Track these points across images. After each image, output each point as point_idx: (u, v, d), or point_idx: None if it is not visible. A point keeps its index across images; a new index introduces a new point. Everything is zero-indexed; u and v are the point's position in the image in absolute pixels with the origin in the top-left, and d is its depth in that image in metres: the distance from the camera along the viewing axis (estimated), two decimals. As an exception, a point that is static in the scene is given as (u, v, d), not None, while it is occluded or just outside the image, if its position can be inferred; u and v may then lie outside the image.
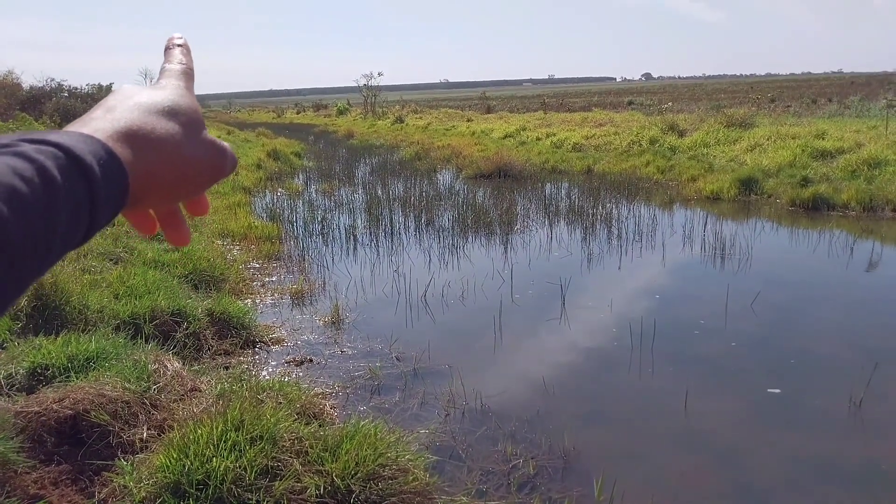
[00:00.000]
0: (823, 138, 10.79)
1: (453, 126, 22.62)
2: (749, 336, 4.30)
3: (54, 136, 0.34)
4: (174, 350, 3.58)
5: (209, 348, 3.93)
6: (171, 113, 0.40)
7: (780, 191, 8.89)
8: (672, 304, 5.09)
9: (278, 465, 2.33)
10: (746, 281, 5.42)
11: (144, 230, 0.43)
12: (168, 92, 0.42)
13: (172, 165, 0.39)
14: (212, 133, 0.43)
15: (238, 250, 6.56)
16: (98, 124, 0.37)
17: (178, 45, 0.46)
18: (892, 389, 3.51)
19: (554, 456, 2.91)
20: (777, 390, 3.53)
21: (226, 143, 0.43)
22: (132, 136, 0.37)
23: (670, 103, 24.85)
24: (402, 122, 27.22)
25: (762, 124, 13.19)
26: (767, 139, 11.41)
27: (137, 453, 2.51)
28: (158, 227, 0.44)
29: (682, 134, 13.62)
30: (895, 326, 4.55)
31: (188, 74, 0.44)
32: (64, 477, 2.42)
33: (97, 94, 36.95)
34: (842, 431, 3.16)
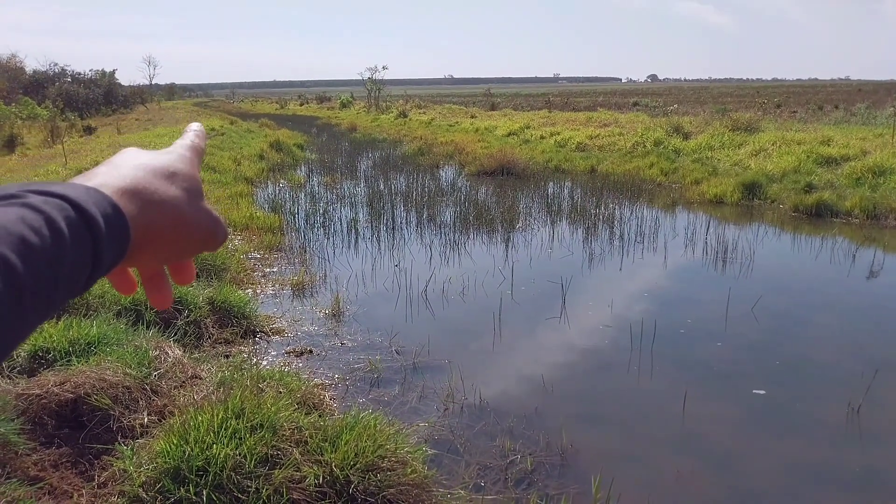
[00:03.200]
0: (829, 145, 10.77)
1: (457, 122, 22.58)
2: (748, 340, 4.31)
3: (60, 189, 0.34)
4: (175, 337, 3.59)
5: (210, 337, 3.93)
6: (173, 177, 0.42)
7: (784, 196, 8.89)
8: (672, 306, 5.09)
9: (278, 454, 2.34)
10: (748, 285, 5.42)
11: (125, 290, 0.44)
12: (173, 157, 0.44)
13: (171, 225, 0.40)
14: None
15: (239, 240, 6.56)
16: (103, 179, 0.38)
17: (195, 130, 0.49)
18: (891, 397, 3.52)
19: (552, 453, 2.91)
20: (774, 395, 3.54)
21: (220, 216, 0.45)
22: (136, 194, 0.39)
23: (676, 105, 24.82)
24: (405, 116, 27.17)
25: (767, 129, 13.17)
26: (772, 144, 11.40)
27: (138, 438, 2.52)
28: (138, 287, 0.45)
29: (686, 136, 13.60)
30: (895, 334, 4.56)
31: (196, 150, 0.46)
32: (64, 460, 2.43)
33: (100, 80, 36.89)
34: (840, 437, 3.16)
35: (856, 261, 6.22)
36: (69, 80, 34.29)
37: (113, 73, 40.38)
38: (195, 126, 0.49)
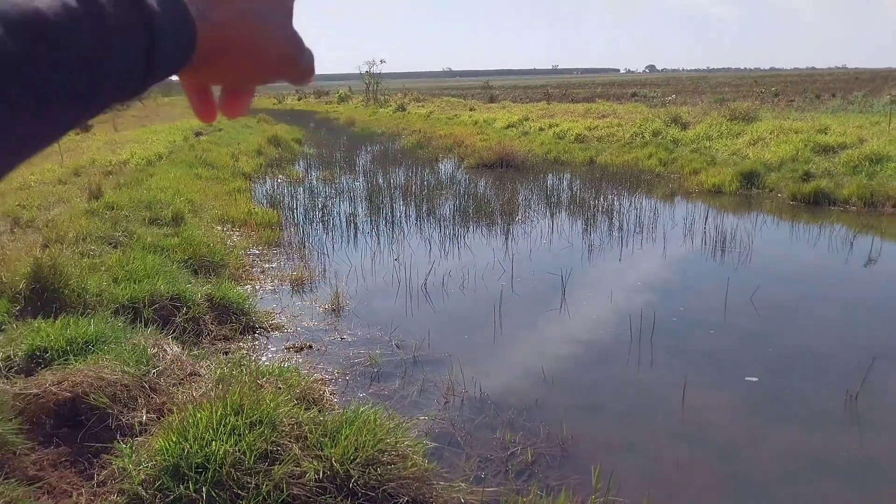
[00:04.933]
0: (826, 133, 10.74)
1: (456, 115, 22.50)
2: (747, 330, 4.30)
3: None
4: (173, 335, 3.58)
5: (209, 333, 3.93)
6: None
7: (782, 185, 8.87)
8: (672, 296, 5.09)
9: (277, 450, 2.34)
10: (746, 274, 5.41)
11: (204, 114, 0.39)
12: None
13: (249, 37, 0.35)
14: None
15: (238, 236, 6.55)
16: None
17: None
18: (888, 384, 3.52)
19: (552, 444, 2.92)
20: (773, 383, 3.54)
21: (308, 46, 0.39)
22: None
23: (674, 96, 24.76)
24: (404, 110, 27.08)
25: (765, 118, 13.13)
26: (770, 133, 11.36)
27: (137, 436, 2.51)
28: (218, 114, 0.40)
29: (685, 127, 13.56)
30: (893, 322, 4.56)
31: None
32: (63, 459, 2.42)
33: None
34: (838, 425, 3.17)
35: (853, 249, 6.21)
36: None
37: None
38: None
